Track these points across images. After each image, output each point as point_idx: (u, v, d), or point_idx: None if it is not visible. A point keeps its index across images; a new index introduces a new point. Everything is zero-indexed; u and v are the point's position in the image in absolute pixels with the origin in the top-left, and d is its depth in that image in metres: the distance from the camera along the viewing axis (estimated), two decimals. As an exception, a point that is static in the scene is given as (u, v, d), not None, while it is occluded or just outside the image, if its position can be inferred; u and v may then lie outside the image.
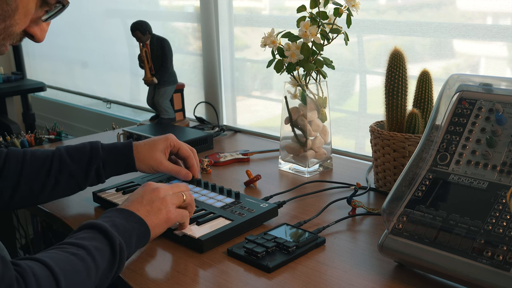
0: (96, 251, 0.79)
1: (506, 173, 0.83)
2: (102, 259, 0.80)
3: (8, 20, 0.70)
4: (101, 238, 0.82)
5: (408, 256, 0.83)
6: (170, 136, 1.18)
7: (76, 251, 0.77)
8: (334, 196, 1.19)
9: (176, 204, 0.96)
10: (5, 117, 2.66)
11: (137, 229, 0.88)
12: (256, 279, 0.87)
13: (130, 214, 0.89)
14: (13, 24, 0.71)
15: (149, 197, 0.93)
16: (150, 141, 1.17)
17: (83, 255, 0.77)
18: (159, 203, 0.93)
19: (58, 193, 1.10)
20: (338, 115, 1.62)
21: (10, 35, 0.72)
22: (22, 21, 0.72)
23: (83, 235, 0.82)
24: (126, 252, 0.84)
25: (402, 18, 1.42)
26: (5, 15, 0.69)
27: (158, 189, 0.95)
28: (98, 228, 0.83)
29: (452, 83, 0.95)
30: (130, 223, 0.88)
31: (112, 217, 0.87)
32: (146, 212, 0.91)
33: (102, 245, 0.81)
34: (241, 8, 1.85)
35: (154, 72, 1.72)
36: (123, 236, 0.85)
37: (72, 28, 2.67)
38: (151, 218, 0.91)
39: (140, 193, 0.95)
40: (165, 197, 0.94)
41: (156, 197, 0.94)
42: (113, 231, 0.83)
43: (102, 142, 1.14)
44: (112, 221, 0.86)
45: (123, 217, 0.88)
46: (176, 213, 0.95)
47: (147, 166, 1.15)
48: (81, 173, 1.10)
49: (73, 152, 1.10)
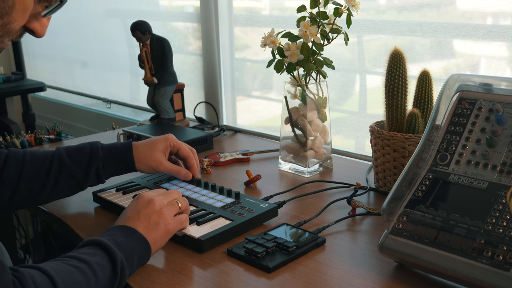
0: (97, 266, 0.79)
1: (506, 173, 0.83)
2: (103, 275, 0.79)
3: (6, 17, 0.69)
4: (103, 255, 0.81)
5: (408, 256, 0.83)
6: (170, 136, 1.18)
7: (78, 265, 0.78)
8: (334, 196, 1.19)
9: (173, 214, 0.95)
10: (5, 117, 2.66)
11: (139, 247, 0.87)
12: (256, 279, 0.87)
13: (131, 231, 0.89)
14: (11, 21, 0.70)
15: (145, 212, 0.92)
16: (150, 141, 1.16)
17: (84, 269, 0.77)
18: (156, 217, 0.92)
19: (58, 194, 1.10)
20: (338, 115, 1.62)
21: (8, 32, 0.71)
22: (20, 18, 0.71)
23: (86, 250, 0.82)
24: (128, 269, 0.84)
25: (402, 18, 1.42)
26: (2, 12, 0.69)
27: (153, 201, 0.93)
28: (100, 245, 0.83)
29: (452, 83, 0.95)
30: (132, 241, 0.87)
31: (114, 235, 0.87)
32: (145, 228, 0.90)
33: (103, 261, 0.81)
34: (241, 8, 1.85)
35: (154, 72, 1.72)
36: (125, 254, 0.84)
37: (72, 28, 2.67)
38: (150, 233, 0.90)
39: (136, 208, 0.92)
40: (161, 209, 0.93)
41: (152, 210, 0.92)
42: (115, 249, 0.82)
43: (102, 143, 1.14)
44: (114, 240, 0.85)
45: (125, 235, 0.87)
46: (175, 223, 0.94)
47: (146, 167, 1.14)
48: (80, 174, 1.10)
49: (73, 153, 1.10)
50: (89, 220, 1.12)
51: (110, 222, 1.09)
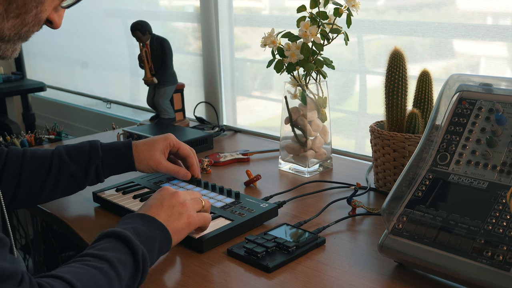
0: (119, 263, 0.76)
1: (506, 173, 0.83)
2: (125, 272, 0.77)
3: (40, 6, 0.70)
4: (123, 248, 0.79)
5: (408, 256, 0.83)
6: (170, 136, 1.17)
7: (99, 265, 0.74)
8: (334, 196, 1.19)
9: (197, 209, 0.94)
10: (5, 117, 2.67)
11: (159, 236, 0.85)
12: (256, 279, 0.87)
13: (151, 220, 0.87)
14: (42, 11, 0.71)
15: (169, 202, 0.91)
16: (150, 140, 1.16)
17: (106, 269, 0.74)
18: (180, 208, 0.91)
19: (58, 193, 1.10)
20: (338, 115, 1.62)
21: (39, 21, 0.72)
22: (49, 7, 0.72)
23: (105, 245, 0.79)
24: (149, 261, 0.82)
25: (402, 18, 1.42)
26: (38, 1, 0.70)
27: (177, 193, 0.92)
28: (120, 237, 0.80)
29: (452, 83, 0.95)
30: (152, 230, 0.85)
31: (134, 224, 0.84)
32: (167, 217, 0.89)
33: (125, 257, 0.78)
34: (241, 8, 1.85)
35: (154, 72, 1.72)
36: (146, 244, 0.82)
37: (72, 28, 2.67)
38: (172, 223, 0.89)
39: (158, 197, 0.92)
40: (185, 202, 0.92)
41: (176, 201, 0.91)
42: (135, 241, 0.80)
43: (101, 142, 1.14)
44: (134, 228, 0.83)
45: (144, 224, 0.85)
46: (198, 217, 0.92)
47: (146, 166, 1.14)
48: (80, 173, 1.09)
49: (73, 152, 1.10)
50: (89, 220, 1.12)
51: (110, 222, 1.09)
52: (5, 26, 0.69)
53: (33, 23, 0.72)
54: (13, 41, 0.72)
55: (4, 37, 0.70)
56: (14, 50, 0.74)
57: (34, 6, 0.70)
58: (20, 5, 0.69)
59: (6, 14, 0.68)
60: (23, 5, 0.69)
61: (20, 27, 0.71)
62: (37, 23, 0.72)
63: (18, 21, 0.70)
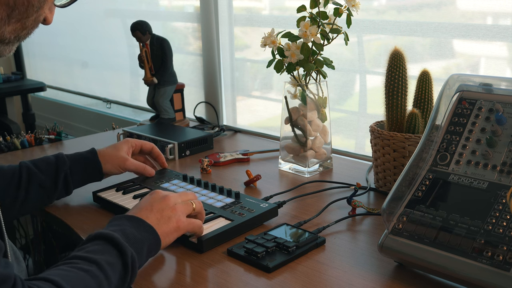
0: (108, 266, 0.77)
1: (506, 173, 0.83)
2: (114, 274, 0.77)
3: (40, 10, 0.72)
4: (112, 251, 0.79)
5: (408, 256, 0.83)
6: (129, 139, 1.25)
7: (88, 267, 0.75)
8: (334, 196, 1.19)
9: (186, 212, 0.94)
10: (5, 117, 2.67)
11: (148, 238, 0.86)
12: (256, 279, 0.87)
13: (140, 222, 0.87)
14: (41, 14, 0.73)
15: (159, 205, 0.91)
16: (112, 145, 1.23)
17: (95, 272, 0.74)
18: (169, 211, 0.91)
19: (28, 206, 1.10)
20: (338, 115, 1.62)
21: (37, 24, 0.74)
22: (46, 9, 0.74)
23: (94, 247, 0.79)
24: (138, 262, 0.82)
25: (402, 18, 1.42)
26: (38, 6, 0.71)
27: (168, 197, 0.93)
28: (109, 239, 0.80)
29: (452, 83, 0.95)
30: (140, 232, 0.85)
31: (122, 226, 0.85)
32: (156, 220, 0.89)
33: (113, 259, 0.78)
34: (241, 8, 1.85)
35: (154, 72, 1.72)
36: (134, 246, 0.82)
37: (72, 28, 2.67)
38: (161, 226, 0.89)
39: (149, 200, 0.92)
40: (175, 205, 0.92)
41: (166, 205, 0.92)
42: (124, 243, 0.80)
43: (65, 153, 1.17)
44: (122, 230, 0.83)
45: (133, 226, 0.86)
46: (187, 222, 0.93)
47: (114, 166, 1.18)
48: (49, 183, 1.11)
49: (39, 163, 1.12)
50: (89, 220, 1.12)
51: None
52: (6, 30, 0.71)
53: (32, 26, 0.74)
54: (12, 43, 0.74)
55: (4, 40, 0.72)
56: (11, 50, 0.76)
57: (34, 11, 0.72)
58: (22, 11, 0.71)
59: (8, 19, 0.70)
60: (25, 11, 0.71)
61: (20, 31, 0.72)
62: (35, 26, 0.74)
63: (19, 25, 0.71)
